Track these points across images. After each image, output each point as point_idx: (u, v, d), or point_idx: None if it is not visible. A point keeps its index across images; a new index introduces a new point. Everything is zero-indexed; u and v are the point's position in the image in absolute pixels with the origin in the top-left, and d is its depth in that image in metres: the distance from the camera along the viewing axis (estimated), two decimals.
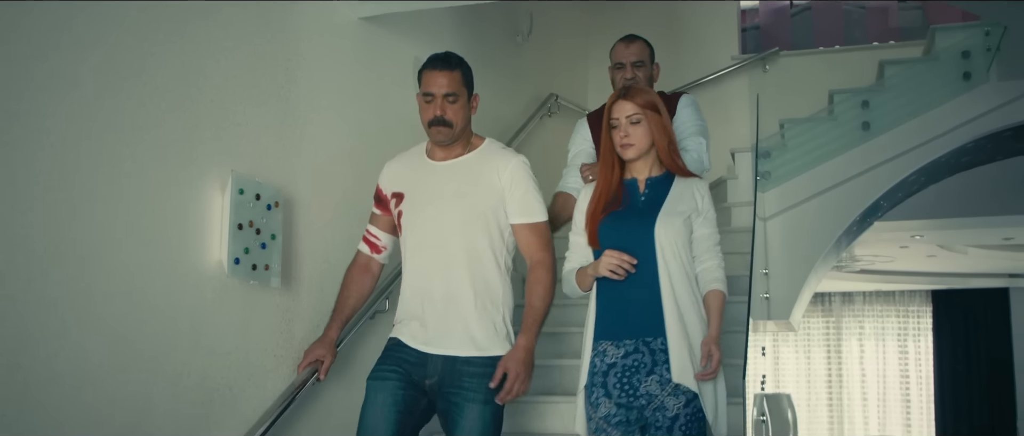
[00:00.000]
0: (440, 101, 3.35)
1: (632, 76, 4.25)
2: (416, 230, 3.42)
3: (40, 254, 2.58)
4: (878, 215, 6.93)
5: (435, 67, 3.39)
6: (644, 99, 3.32)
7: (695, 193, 3.35)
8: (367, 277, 3.59)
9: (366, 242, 3.59)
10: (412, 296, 3.41)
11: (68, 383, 2.65)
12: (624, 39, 4.38)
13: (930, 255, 10.61)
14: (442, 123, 3.36)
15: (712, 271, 3.31)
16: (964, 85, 6.25)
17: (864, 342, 13.09)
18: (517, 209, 3.43)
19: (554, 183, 6.45)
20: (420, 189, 3.45)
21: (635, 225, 3.29)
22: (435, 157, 3.48)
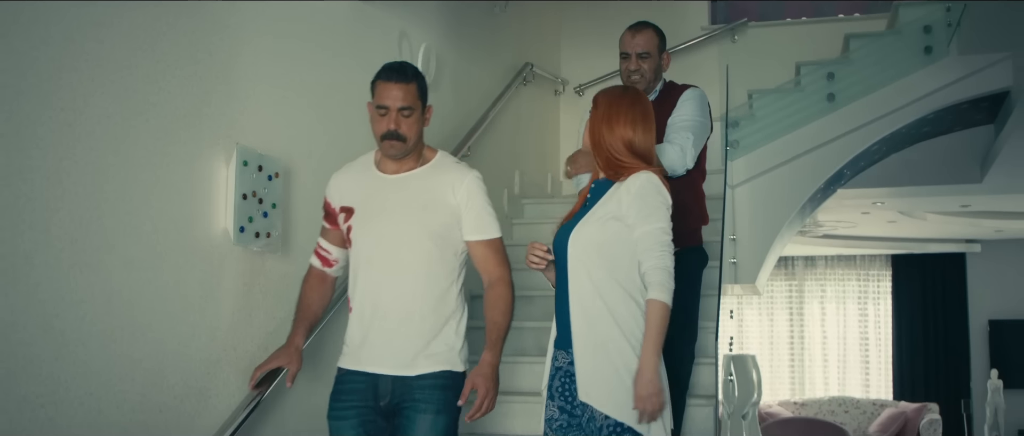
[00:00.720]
0: (394, 115, 3.24)
1: (637, 68, 4.09)
2: (367, 245, 3.32)
3: (57, 223, 2.74)
4: (841, 183, 7.14)
5: (390, 79, 3.26)
6: (598, 102, 3.28)
7: (622, 193, 3.13)
8: (325, 286, 3.53)
9: (318, 256, 3.51)
10: (362, 311, 3.31)
11: (94, 344, 2.82)
12: (632, 27, 4.17)
13: (890, 221, 10.84)
14: (396, 137, 3.25)
15: (647, 275, 3.06)
16: (926, 59, 6.47)
17: (825, 304, 13.34)
18: (473, 226, 3.36)
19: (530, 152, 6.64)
20: (370, 203, 3.35)
21: (565, 231, 3.22)
22: (386, 170, 3.37)
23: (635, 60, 4.09)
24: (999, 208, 9.74)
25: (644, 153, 3.22)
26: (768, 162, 6.51)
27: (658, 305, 3.00)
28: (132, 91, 3.00)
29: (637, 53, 4.09)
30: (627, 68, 4.13)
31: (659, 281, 3.02)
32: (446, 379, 3.26)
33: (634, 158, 3.19)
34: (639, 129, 3.22)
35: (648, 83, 4.14)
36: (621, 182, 3.16)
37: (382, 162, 3.40)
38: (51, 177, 2.70)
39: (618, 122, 3.21)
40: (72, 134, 2.77)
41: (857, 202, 9.14)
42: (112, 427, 2.89)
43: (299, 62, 3.95)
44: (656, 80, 4.21)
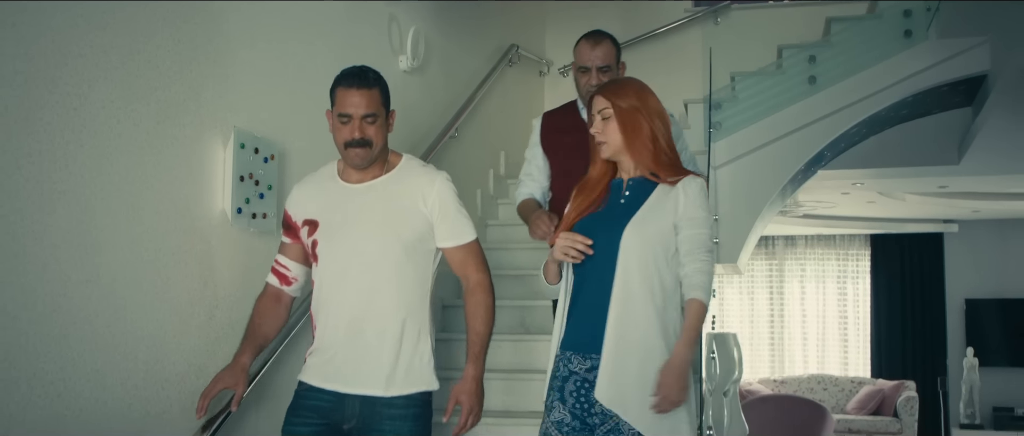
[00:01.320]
0: (358, 122, 3.08)
1: (597, 83, 3.75)
2: (337, 260, 3.13)
3: (64, 205, 2.82)
4: (822, 164, 7.25)
5: (351, 85, 3.10)
6: (616, 93, 3.05)
7: (680, 194, 2.96)
8: (280, 308, 3.32)
9: (276, 274, 3.30)
10: (332, 330, 3.12)
11: (99, 322, 2.91)
12: (589, 38, 3.90)
13: (870, 201, 10.97)
14: (361, 144, 3.09)
15: (691, 276, 2.92)
16: (905, 43, 6.57)
17: (805, 284, 13.49)
18: (449, 232, 3.21)
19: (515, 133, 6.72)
20: (337, 216, 3.16)
21: (605, 230, 2.97)
22: (350, 179, 3.20)
23: (596, 74, 3.82)
24: (976, 189, 9.90)
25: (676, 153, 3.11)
26: (750, 143, 6.60)
27: (699, 305, 2.90)
28: (133, 76, 3.08)
29: (598, 66, 3.83)
30: (587, 82, 3.84)
31: (702, 284, 2.91)
32: (419, 406, 3.12)
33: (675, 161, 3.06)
34: (666, 122, 3.09)
35: None
36: (670, 185, 2.99)
37: (345, 171, 3.22)
38: (57, 160, 2.78)
39: (658, 115, 3.05)
40: (77, 118, 2.85)
41: (837, 183, 9.26)
42: (117, 402, 2.98)
43: (293, 47, 4.03)
44: None
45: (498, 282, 3.51)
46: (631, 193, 3.03)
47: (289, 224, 3.27)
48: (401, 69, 5.11)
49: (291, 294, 3.34)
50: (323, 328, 3.15)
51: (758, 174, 6.61)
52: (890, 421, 11.31)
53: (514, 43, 7.21)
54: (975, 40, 6.37)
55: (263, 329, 3.29)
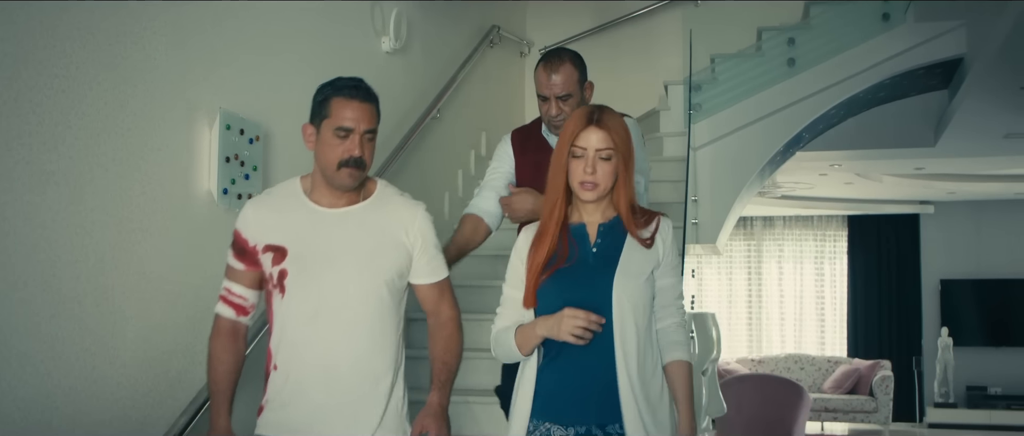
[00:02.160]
0: (358, 139, 2.74)
1: (559, 112, 3.38)
2: (312, 296, 2.75)
3: (53, 186, 2.85)
4: (800, 145, 7.31)
5: (354, 96, 2.76)
6: (620, 131, 2.65)
7: (658, 240, 2.70)
8: (238, 342, 2.87)
9: (229, 304, 2.85)
10: (297, 378, 2.75)
11: (88, 302, 2.95)
12: (546, 64, 3.40)
13: (847, 183, 11.06)
14: (359, 165, 2.75)
15: (671, 332, 2.70)
16: (883, 26, 6.62)
17: (783, 264, 13.58)
18: (427, 268, 2.92)
19: (496, 114, 6.74)
20: (311, 245, 2.78)
21: (587, 286, 2.64)
22: (321, 201, 2.82)
23: (556, 104, 3.39)
24: (952, 171, 10.00)
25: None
26: (729, 125, 6.64)
27: (687, 366, 2.70)
28: (121, 58, 3.10)
29: (557, 96, 3.38)
30: (547, 112, 3.42)
31: (684, 341, 2.71)
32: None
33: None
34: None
35: None
36: (642, 228, 2.71)
37: (316, 192, 2.83)
38: (46, 142, 2.80)
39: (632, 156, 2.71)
40: (66, 100, 2.87)
41: (815, 164, 9.33)
42: (106, 381, 3.01)
43: (278, 29, 4.05)
44: None
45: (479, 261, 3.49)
46: (603, 240, 2.70)
47: (243, 248, 2.81)
48: (384, 50, 5.14)
49: (247, 324, 2.89)
50: (286, 375, 2.76)
51: (737, 155, 6.66)
52: (866, 400, 11.44)
53: (495, 24, 7.23)
54: (951, 24, 6.44)
55: (230, 376, 2.84)
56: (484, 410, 4.47)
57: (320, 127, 2.76)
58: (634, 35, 8.09)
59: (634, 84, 7.66)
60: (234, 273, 2.85)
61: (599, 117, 2.64)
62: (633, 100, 7.33)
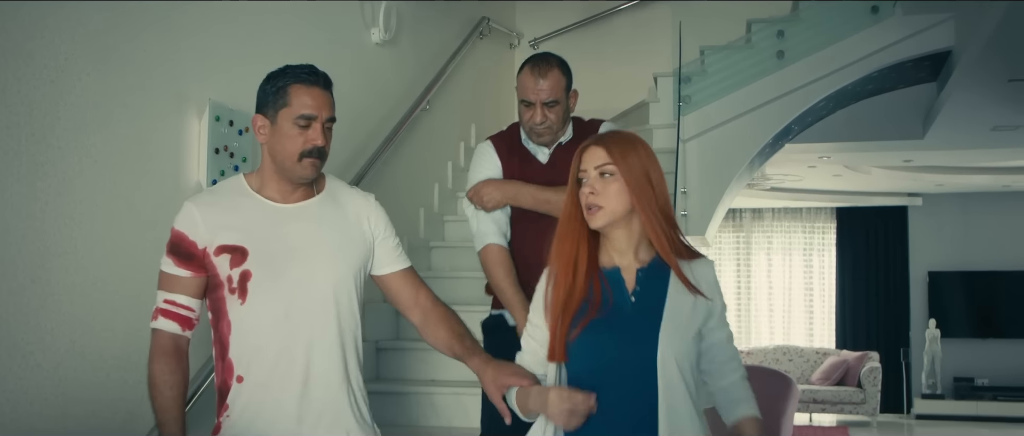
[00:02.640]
0: (320, 127, 2.58)
1: (544, 120, 3.21)
2: (281, 297, 2.54)
3: (42, 177, 2.84)
4: (789, 137, 7.32)
5: (315, 83, 2.61)
6: (621, 146, 2.33)
7: (701, 285, 2.34)
8: (184, 363, 2.58)
9: (170, 317, 2.55)
10: (270, 382, 2.54)
11: (77, 294, 2.94)
12: (533, 66, 3.23)
13: (836, 175, 11.09)
14: (321, 155, 2.59)
15: (739, 388, 2.41)
16: (872, 18, 6.63)
17: (772, 256, 13.61)
18: (391, 257, 2.77)
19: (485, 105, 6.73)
20: (273, 242, 2.57)
21: (628, 341, 2.28)
22: (275, 198, 2.63)
23: (541, 111, 3.21)
24: (940, 163, 10.04)
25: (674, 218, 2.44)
26: (719, 117, 6.65)
27: (758, 424, 2.41)
28: (110, 49, 3.10)
29: (544, 101, 3.20)
30: (531, 120, 3.24)
31: (751, 395, 2.43)
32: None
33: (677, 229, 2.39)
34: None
35: (556, 133, 3.30)
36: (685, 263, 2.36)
37: (266, 188, 2.63)
38: (35, 133, 2.80)
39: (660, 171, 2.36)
40: (55, 91, 2.87)
41: (804, 156, 9.35)
42: (95, 373, 3.01)
43: (267, 20, 4.04)
44: (565, 125, 3.34)
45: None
46: (643, 287, 2.34)
47: (190, 252, 2.55)
48: (374, 42, 5.14)
49: (189, 339, 2.61)
50: (253, 385, 2.54)
51: (726, 147, 6.66)
52: (854, 391, 11.48)
53: (485, 16, 7.23)
54: (940, 16, 6.46)
55: (180, 401, 2.55)
56: (474, 401, 4.48)
57: (276, 117, 2.58)
58: (623, 27, 8.10)
59: (623, 76, 7.67)
60: (175, 282, 2.55)
61: (598, 138, 2.36)
62: (622, 92, 7.35)
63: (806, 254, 13.53)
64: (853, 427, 11.42)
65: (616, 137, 2.36)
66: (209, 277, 2.56)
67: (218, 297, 2.56)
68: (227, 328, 2.56)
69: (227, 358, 2.56)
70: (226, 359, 2.56)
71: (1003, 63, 5.92)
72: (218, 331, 2.59)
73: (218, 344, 2.59)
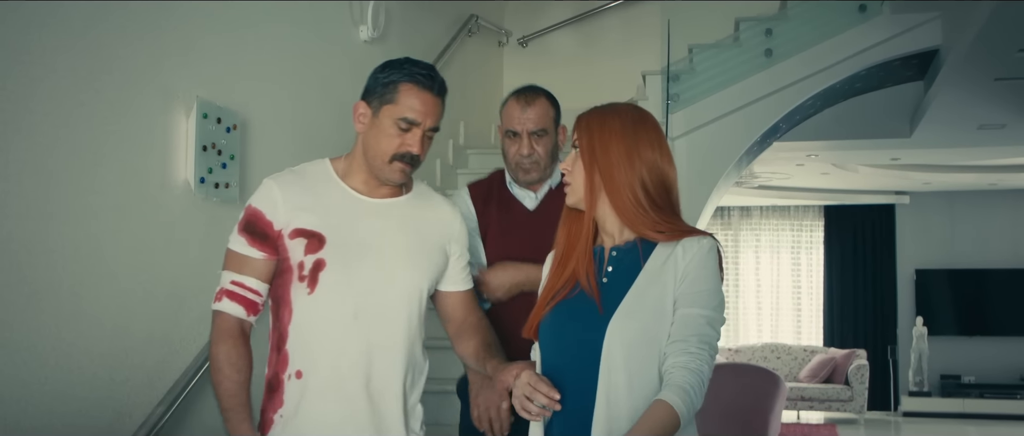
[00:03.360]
0: (421, 134, 2.46)
1: (530, 152, 2.99)
2: (350, 297, 2.43)
3: (28, 175, 2.83)
4: (777, 135, 7.33)
5: (429, 88, 2.48)
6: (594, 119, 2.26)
7: (678, 260, 2.17)
8: (248, 347, 2.46)
9: (236, 300, 2.42)
10: (330, 382, 2.42)
11: (63, 291, 2.93)
12: (520, 97, 3.05)
13: (824, 173, 11.11)
14: (414, 163, 2.48)
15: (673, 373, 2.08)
16: (860, 17, 6.64)
17: (760, 254, 13.64)
18: (462, 276, 2.68)
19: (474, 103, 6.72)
20: (353, 235, 2.46)
21: (581, 323, 2.20)
22: (360, 190, 2.53)
23: (528, 142, 3.00)
24: (927, 161, 10.06)
25: (676, 200, 2.30)
26: (707, 115, 6.65)
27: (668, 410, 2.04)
28: (96, 46, 3.09)
29: (530, 131, 3.00)
30: (517, 152, 3.01)
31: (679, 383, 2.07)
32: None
33: (673, 209, 2.26)
34: (668, 159, 2.27)
35: (544, 170, 3.06)
36: (665, 243, 2.21)
37: (351, 177, 2.53)
38: (21, 130, 2.79)
39: (645, 146, 2.23)
40: (40, 88, 2.85)
41: (792, 154, 9.37)
42: (82, 371, 3.00)
43: (255, 17, 4.03)
44: (553, 164, 3.10)
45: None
46: (615, 269, 2.24)
47: (265, 232, 2.42)
48: (362, 39, 5.13)
49: (252, 324, 2.49)
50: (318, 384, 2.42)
51: (715, 145, 6.67)
52: (841, 389, 11.51)
53: (473, 13, 7.23)
54: (927, 15, 6.47)
55: (247, 385, 2.43)
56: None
57: (378, 110, 2.46)
58: (612, 25, 8.10)
59: (612, 74, 7.67)
60: (246, 263, 2.41)
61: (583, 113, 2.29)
62: (611, 90, 7.33)
63: (794, 252, 13.57)
64: (841, 425, 11.45)
65: (591, 111, 2.29)
66: (279, 261, 2.44)
67: (284, 283, 2.44)
68: (288, 317, 2.45)
69: (284, 350, 2.44)
70: (282, 351, 2.45)
71: (990, 62, 5.94)
72: (278, 319, 2.47)
73: (275, 334, 2.47)
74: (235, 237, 2.44)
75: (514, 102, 3.04)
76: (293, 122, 4.25)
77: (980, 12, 5.24)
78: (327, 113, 4.49)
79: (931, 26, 6.48)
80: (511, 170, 3.09)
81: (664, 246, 2.20)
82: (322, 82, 4.28)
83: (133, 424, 3.19)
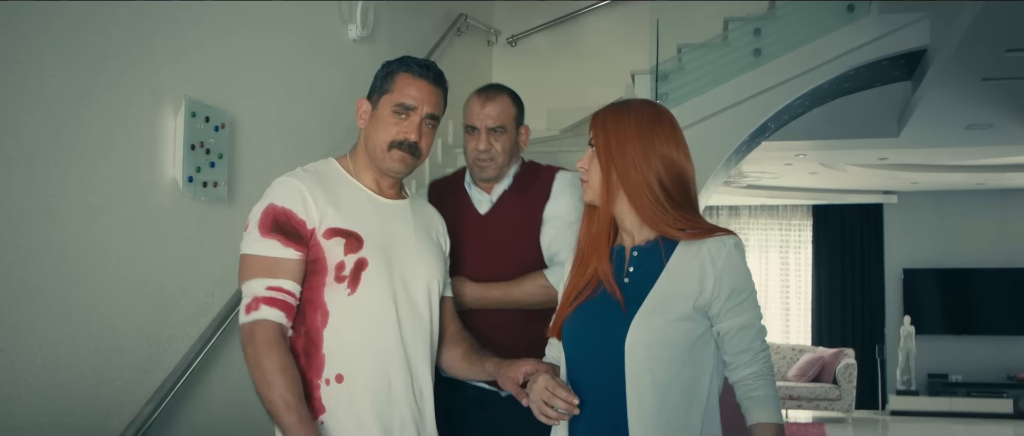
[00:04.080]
0: (419, 122, 2.47)
1: (488, 148, 3.01)
2: (391, 294, 2.41)
3: (16, 173, 2.82)
4: (766, 135, 7.35)
5: (424, 76, 2.50)
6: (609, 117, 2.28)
7: (706, 263, 2.16)
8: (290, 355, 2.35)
9: (277, 306, 2.33)
10: (374, 386, 2.38)
11: (51, 290, 2.92)
12: (481, 91, 3.10)
13: (812, 172, 11.16)
14: (413, 151, 2.48)
15: (753, 387, 2.17)
16: (848, 17, 6.67)
17: (748, 253, 13.63)
18: (448, 282, 2.69)
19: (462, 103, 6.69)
20: (380, 235, 2.45)
21: (602, 324, 2.21)
22: (371, 188, 2.53)
23: (486, 137, 3.02)
24: (915, 161, 10.11)
25: (695, 195, 2.29)
26: (696, 114, 6.66)
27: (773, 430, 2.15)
28: (84, 43, 3.07)
29: (489, 127, 3.02)
30: (474, 147, 3.04)
31: (768, 395, 2.17)
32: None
33: (692, 205, 2.26)
34: (685, 153, 2.28)
35: (501, 167, 3.08)
36: (694, 243, 2.20)
37: (359, 175, 2.53)
38: (9, 129, 2.78)
39: (660, 142, 2.23)
40: (28, 87, 2.84)
41: (780, 154, 9.40)
42: (70, 370, 2.99)
43: (244, 16, 4.02)
44: (511, 162, 3.13)
45: None
46: (636, 269, 2.25)
47: (298, 231, 2.36)
48: (351, 38, 5.12)
49: (290, 331, 2.40)
50: (361, 387, 2.37)
51: (703, 145, 6.67)
52: (829, 388, 11.55)
53: (463, 13, 7.22)
54: (915, 15, 6.50)
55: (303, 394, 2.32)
56: None
57: (378, 103, 2.50)
58: (601, 24, 8.11)
59: (601, 73, 7.68)
60: (280, 266, 2.33)
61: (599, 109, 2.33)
62: (600, 90, 7.35)
63: (782, 251, 13.61)
64: (829, 423, 11.48)
65: (607, 109, 2.30)
66: (310, 262, 2.37)
67: (316, 284, 2.38)
68: (322, 320, 2.37)
69: (319, 354, 2.37)
70: (317, 355, 2.37)
71: (977, 62, 5.97)
72: (309, 323, 2.39)
73: (304, 338, 2.39)
74: (260, 241, 2.36)
75: (475, 98, 3.08)
76: (282, 121, 4.24)
77: (968, 12, 5.26)
78: (316, 112, 4.48)
79: (919, 26, 6.50)
80: (469, 164, 3.13)
81: (686, 244, 2.21)
82: (311, 81, 4.27)
83: (121, 423, 3.18)
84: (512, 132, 3.07)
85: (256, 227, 2.37)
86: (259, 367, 2.27)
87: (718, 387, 2.21)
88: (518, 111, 3.11)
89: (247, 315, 2.32)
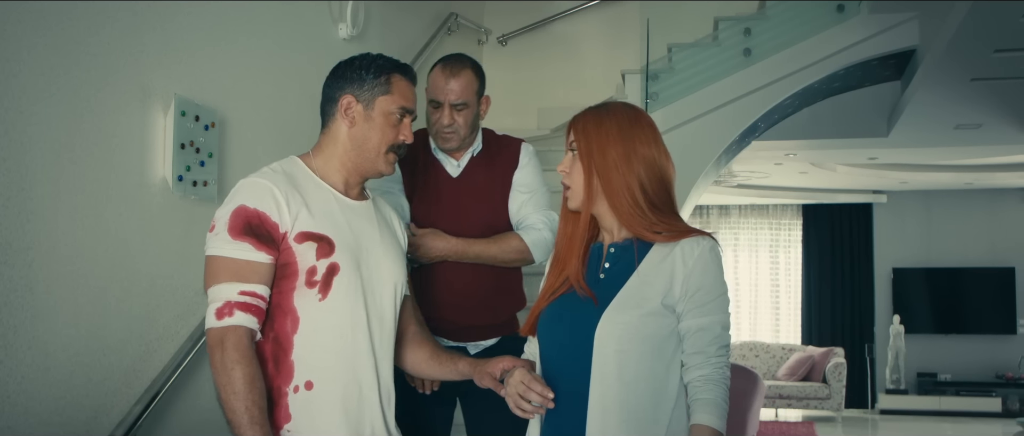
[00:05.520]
0: (410, 123, 2.50)
1: (450, 122, 3.09)
2: (361, 299, 2.38)
3: (4, 172, 2.81)
4: (756, 135, 7.37)
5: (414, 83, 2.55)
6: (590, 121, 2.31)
7: (677, 261, 2.20)
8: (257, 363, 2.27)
9: (250, 311, 2.26)
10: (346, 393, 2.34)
11: (40, 289, 2.91)
12: (445, 65, 3.13)
13: (802, 172, 11.18)
14: (401, 153, 2.53)
15: (700, 390, 2.17)
16: (838, 17, 6.69)
17: (738, 252, 13.70)
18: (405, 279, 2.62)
19: None
20: (349, 237, 2.40)
21: (575, 319, 2.25)
22: (338, 188, 2.48)
23: (449, 112, 3.08)
24: (904, 161, 10.14)
25: (673, 199, 2.32)
26: (686, 114, 6.68)
27: (708, 432, 2.14)
28: (72, 42, 3.06)
29: (452, 103, 3.08)
30: (438, 121, 3.11)
31: (710, 398, 2.16)
32: None
33: (671, 208, 2.29)
34: (665, 154, 2.31)
35: (462, 139, 3.17)
36: (661, 243, 2.24)
37: (329, 175, 2.48)
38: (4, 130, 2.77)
39: (641, 145, 2.26)
40: (16, 85, 2.83)
41: (770, 153, 9.42)
42: (59, 369, 2.98)
43: (234, 14, 4.01)
44: (473, 134, 3.22)
45: None
46: (612, 265, 2.29)
47: (270, 234, 2.29)
48: (341, 37, 5.11)
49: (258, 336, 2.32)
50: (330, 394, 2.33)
51: (693, 144, 6.69)
52: (819, 387, 11.57)
53: (453, 12, 7.22)
54: (905, 15, 6.52)
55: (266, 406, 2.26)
56: None
57: (372, 103, 2.44)
58: (592, 24, 8.11)
59: (591, 73, 7.69)
60: (252, 269, 2.26)
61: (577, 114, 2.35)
62: (590, 89, 7.36)
63: (772, 251, 13.63)
64: (818, 422, 11.51)
65: (587, 112, 2.32)
66: (279, 266, 2.31)
67: (285, 289, 2.31)
68: (292, 326, 2.32)
69: (288, 360, 2.31)
70: (286, 361, 2.31)
71: (966, 62, 5.99)
72: (277, 329, 2.33)
73: (272, 343, 2.32)
74: (231, 243, 2.26)
75: (439, 71, 3.13)
76: (272, 120, 4.23)
77: (957, 13, 5.27)
78: (306, 111, 4.45)
79: (908, 26, 6.53)
80: (432, 135, 3.20)
81: (661, 246, 2.24)
82: (301, 80, 4.26)
83: (110, 424, 3.17)
84: (474, 106, 3.13)
85: (226, 229, 2.28)
86: (227, 374, 2.21)
87: None
88: (480, 84, 3.16)
89: (219, 320, 2.24)
